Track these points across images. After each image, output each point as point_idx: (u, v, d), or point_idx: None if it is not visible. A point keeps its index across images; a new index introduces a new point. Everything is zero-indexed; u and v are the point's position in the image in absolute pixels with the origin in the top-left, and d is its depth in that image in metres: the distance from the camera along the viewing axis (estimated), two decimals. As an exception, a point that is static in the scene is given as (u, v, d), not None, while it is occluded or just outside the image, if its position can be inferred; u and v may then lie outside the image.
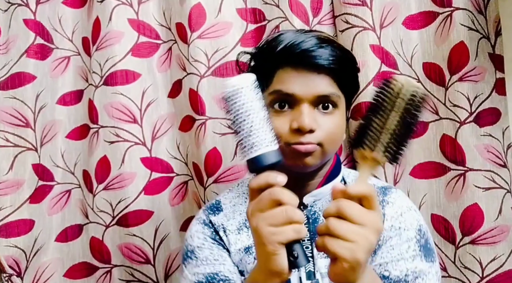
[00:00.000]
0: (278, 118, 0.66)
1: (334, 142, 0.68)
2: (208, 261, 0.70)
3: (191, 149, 1.05)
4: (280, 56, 0.66)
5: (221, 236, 0.73)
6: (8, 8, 1.04)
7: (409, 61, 0.99)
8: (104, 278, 1.06)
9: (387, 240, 0.69)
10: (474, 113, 0.93)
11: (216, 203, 0.78)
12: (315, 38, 0.66)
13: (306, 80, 0.65)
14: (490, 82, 0.93)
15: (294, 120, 0.64)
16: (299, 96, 0.65)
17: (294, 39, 0.66)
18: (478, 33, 0.92)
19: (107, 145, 1.03)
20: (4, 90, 1.02)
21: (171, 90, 1.08)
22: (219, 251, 0.71)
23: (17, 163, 1.01)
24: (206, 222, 0.75)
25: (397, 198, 0.74)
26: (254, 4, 1.04)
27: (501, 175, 0.92)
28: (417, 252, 0.68)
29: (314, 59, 0.64)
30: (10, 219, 1.00)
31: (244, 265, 0.71)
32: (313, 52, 0.64)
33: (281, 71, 0.67)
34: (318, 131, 0.65)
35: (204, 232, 0.74)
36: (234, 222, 0.74)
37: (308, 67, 0.64)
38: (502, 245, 0.91)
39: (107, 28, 1.04)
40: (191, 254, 0.72)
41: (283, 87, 0.65)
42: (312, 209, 0.72)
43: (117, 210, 1.03)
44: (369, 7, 0.97)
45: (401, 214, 0.72)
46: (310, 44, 0.65)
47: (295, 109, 0.65)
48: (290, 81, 0.65)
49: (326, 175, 0.73)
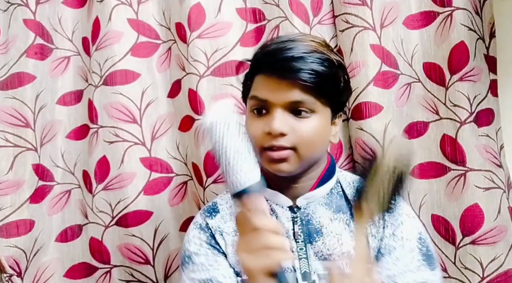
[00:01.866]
0: (255, 123, 0.68)
1: (310, 146, 0.68)
2: (203, 266, 0.72)
3: (191, 149, 1.04)
4: (258, 63, 0.69)
5: (218, 239, 0.74)
6: (8, 8, 1.04)
7: (410, 61, 0.99)
8: (103, 279, 1.06)
9: (390, 251, 0.70)
10: (474, 113, 0.93)
11: (212, 205, 0.79)
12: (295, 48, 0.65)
13: (279, 87, 0.65)
14: (486, 83, 0.93)
15: (266, 124, 0.66)
16: (272, 101, 0.66)
17: (275, 46, 0.67)
18: (476, 34, 0.92)
19: (107, 145, 1.03)
20: (4, 90, 1.02)
21: (171, 90, 1.08)
22: (214, 256, 0.73)
23: (17, 163, 1.02)
24: (202, 226, 0.76)
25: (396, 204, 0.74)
26: (254, 3, 1.04)
27: (498, 175, 0.92)
28: (421, 262, 0.69)
29: (289, 70, 0.64)
30: (10, 219, 1.00)
31: (240, 267, 0.71)
32: (289, 63, 0.64)
33: (258, 77, 0.69)
34: (290, 135, 0.65)
35: (200, 237, 0.75)
36: (231, 224, 0.75)
37: (280, 76, 0.65)
38: (501, 245, 0.91)
39: (106, 28, 1.03)
40: (188, 259, 0.74)
41: (258, 93, 0.68)
42: (305, 211, 0.73)
43: (117, 211, 1.03)
44: (369, 6, 0.96)
45: (402, 222, 0.72)
46: (288, 54, 0.65)
47: (270, 113, 0.67)
48: (264, 87, 0.67)
49: (320, 177, 0.74)
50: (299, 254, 0.70)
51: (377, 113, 0.96)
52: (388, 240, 0.70)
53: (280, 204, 0.73)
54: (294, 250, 0.70)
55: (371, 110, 0.96)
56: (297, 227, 0.71)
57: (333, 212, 0.73)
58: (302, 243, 0.70)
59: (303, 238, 0.70)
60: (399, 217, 0.72)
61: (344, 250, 0.69)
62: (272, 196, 0.74)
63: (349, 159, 1.03)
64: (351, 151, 1.03)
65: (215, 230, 0.74)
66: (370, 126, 0.96)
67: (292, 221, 0.72)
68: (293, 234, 0.71)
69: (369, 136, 0.96)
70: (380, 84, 0.97)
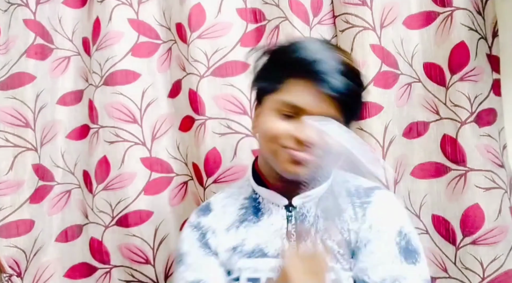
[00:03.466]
0: (280, 123, 0.67)
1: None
2: (193, 267, 0.73)
3: (191, 149, 1.04)
4: (297, 67, 0.66)
5: (209, 237, 0.74)
6: (8, 8, 1.04)
7: (410, 61, 0.99)
8: (103, 279, 1.06)
9: (366, 243, 0.69)
10: (474, 113, 0.93)
11: (206, 204, 0.80)
12: (336, 62, 0.65)
13: (316, 97, 0.65)
14: (488, 83, 0.93)
15: (300, 131, 0.65)
16: (308, 110, 0.65)
17: (314, 54, 0.65)
18: (477, 34, 0.92)
19: (107, 145, 1.03)
20: (4, 90, 1.02)
21: (171, 90, 1.08)
22: (205, 256, 0.73)
23: (17, 163, 1.02)
24: (194, 224, 0.77)
25: (380, 198, 0.74)
26: (254, 4, 1.04)
27: (499, 175, 0.92)
28: (397, 255, 0.68)
29: (330, 85, 0.63)
30: (10, 219, 1.00)
31: (231, 264, 0.72)
32: (331, 78, 0.64)
33: (293, 80, 0.66)
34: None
35: (192, 236, 0.75)
36: (224, 223, 0.75)
37: (321, 88, 0.64)
38: (501, 245, 0.91)
39: (107, 28, 1.03)
40: (180, 258, 0.75)
41: (295, 100, 0.65)
42: (301, 211, 0.73)
43: (117, 211, 1.03)
44: (369, 7, 0.96)
45: (381, 215, 0.72)
46: (330, 68, 0.64)
47: (299, 120, 0.66)
48: (301, 94, 0.65)
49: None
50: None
51: (377, 113, 0.96)
52: (364, 233, 0.70)
53: (276, 203, 0.74)
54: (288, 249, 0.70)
55: (371, 110, 0.96)
56: (291, 226, 0.72)
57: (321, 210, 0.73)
58: (294, 243, 0.70)
59: (296, 237, 0.71)
60: (379, 210, 0.72)
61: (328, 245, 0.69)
62: (268, 195, 0.74)
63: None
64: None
65: (207, 228, 0.75)
66: (370, 126, 0.96)
67: (287, 220, 0.72)
68: (286, 233, 0.71)
69: (369, 136, 0.96)
70: (380, 84, 0.97)
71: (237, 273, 0.71)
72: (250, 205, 0.76)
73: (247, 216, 0.75)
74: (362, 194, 0.74)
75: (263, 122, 0.69)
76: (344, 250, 0.69)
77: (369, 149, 0.58)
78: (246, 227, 0.73)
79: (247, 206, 0.76)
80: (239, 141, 1.01)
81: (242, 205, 0.76)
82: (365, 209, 0.72)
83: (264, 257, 0.71)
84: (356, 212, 0.72)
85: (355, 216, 0.71)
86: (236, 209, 0.76)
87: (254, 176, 0.77)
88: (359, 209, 0.72)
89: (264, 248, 0.71)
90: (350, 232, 0.70)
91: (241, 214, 0.75)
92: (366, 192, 0.75)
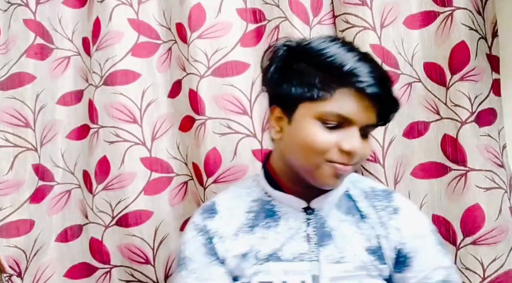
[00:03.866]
0: (325, 134, 0.64)
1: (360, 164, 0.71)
2: (195, 273, 0.70)
3: (191, 149, 1.04)
4: (343, 76, 0.62)
5: (215, 243, 0.71)
6: (8, 8, 1.04)
7: (410, 60, 0.99)
8: (103, 279, 1.06)
9: (418, 252, 0.70)
10: (474, 113, 0.92)
11: (211, 204, 0.76)
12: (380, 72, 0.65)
13: (364, 108, 0.63)
14: (488, 83, 0.93)
15: (346, 142, 0.63)
16: (355, 120, 0.63)
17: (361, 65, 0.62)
18: (477, 33, 0.92)
19: (107, 145, 1.03)
20: (4, 90, 1.02)
21: (171, 90, 1.08)
22: (208, 265, 0.70)
23: (17, 163, 1.01)
24: (199, 227, 0.73)
25: (404, 203, 0.75)
26: (254, 4, 1.04)
27: (500, 175, 0.92)
28: (442, 252, 0.72)
29: (381, 92, 0.63)
30: (10, 219, 1.00)
31: (240, 270, 0.69)
32: (382, 86, 0.63)
33: (341, 90, 0.63)
34: (357, 155, 0.65)
35: (196, 240, 0.72)
36: (231, 227, 0.72)
37: (370, 97, 0.63)
38: (502, 245, 0.91)
39: (107, 28, 1.03)
40: (183, 262, 0.72)
41: (343, 111, 0.63)
42: (319, 214, 0.71)
43: (117, 210, 1.03)
44: (369, 6, 0.96)
45: (415, 221, 0.73)
46: (380, 76, 0.64)
47: (347, 129, 0.64)
48: (350, 104, 0.63)
49: None
50: (310, 256, 0.68)
51: (377, 113, 0.96)
52: (411, 242, 0.70)
53: (294, 206, 0.72)
54: (306, 252, 0.69)
55: (372, 110, 0.95)
56: (311, 229, 0.70)
57: (343, 214, 0.72)
58: (314, 245, 0.69)
59: (316, 240, 0.69)
60: (411, 216, 0.73)
61: (355, 253, 0.68)
62: (285, 199, 0.72)
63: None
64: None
65: (214, 233, 0.71)
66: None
67: (306, 223, 0.71)
68: (306, 235, 0.69)
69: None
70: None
71: (247, 278, 0.69)
72: (262, 209, 0.73)
73: (258, 221, 0.72)
74: (381, 197, 0.74)
75: (303, 133, 0.65)
76: (372, 256, 0.69)
77: None
78: (258, 233, 0.71)
79: (257, 210, 0.73)
80: (239, 141, 1.00)
81: (251, 208, 0.73)
82: (392, 216, 0.72)
83: (277, 261, 0.68)
84: (381, 217, 0.71)
85: (380, 221, 0.71)
86: (244, 212, 0.73)
87: (267, 179, 0.75)
88: (383, 213, 0.72)
89: (279, 252, 0.69)
90: (379, 238, 0.70)
91: (250, 218, 0.72)
92: (384, 195, 0.74)
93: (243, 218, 0.73)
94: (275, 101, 0.70)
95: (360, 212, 0.72)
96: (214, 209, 0.75)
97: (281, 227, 0.71)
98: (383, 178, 0.96)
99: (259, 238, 0.70)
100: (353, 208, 0.73)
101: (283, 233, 0.70)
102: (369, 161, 0.97)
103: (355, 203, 0.73)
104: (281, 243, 0.69)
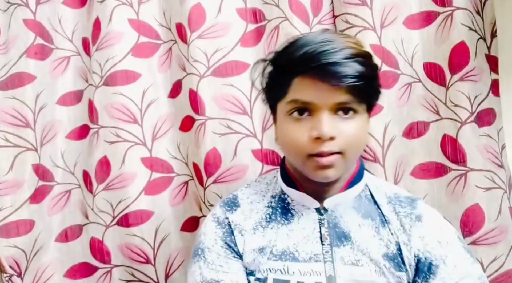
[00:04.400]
0: (297, 126, 0.65)
1: (356, 148, 0.66)
2: (213, 265, 0.70)
3: (191, 149, 1.04)
4: (299, 64, 0.63)
5: (236, 236, 0.72)
6: (8, 8, 1.04)
7: (410, 61, 0.99)
8: (104, 278, 1.06)
9: (444, 259, 0.67)
10: (474, 113, 0.93)
11: (233, 198, 0.77)
12: (339, 51, 0.62)
13: (325, 89, 0.62)
14: (487, 83, 0.93)
15: (314, 129, 0.63)
16: (318, 104, 0.63)
17: (315, 48, 0.62)
18: (477, 34, 0.92)
19: (107, 145, 1.03)
20: (4, 90, 1.02)
21: (171, 90, 1.08)
22: (226, 257, 0.71)
23: (17, 163, 1.02)
24: (220, 220, 0.74)
25: (426, 210, 0.73)
26: (254, 4, 1.04)
27: (499, 175, 0.92)
28: (471, 258, 0.68)
29: (336, 75, 0.61)
30: (10, 219, 1.00)
31: (256, 265, 0.69)
32: (335, 68, 0.61)
33: (298, 79, 0.64)
34: (339, 138, 0.63)
35: (216, 232, 0.73)
36: (251, 221, 0.72)
37: (327, 81, 0.62)
38: (501, 245, 0.91)
39: (107, 28, 1.03)
40: (201, 253, 0.72)
41: (302, 96, 0.64)
42: (333, 214, 0.71)
43: (117, 210, 1.03)
44: (369, 7, 0.97)
45: (440, 228, 0.71)
46: (333, 58, 0.61)
47: (314, 116, 0.64)
48: (308, 89, 0.63)
49: (350, 180, 0.72)
50: (324, 257, 0.68)
51: (377, 113, 0.96)
52: (437, 250, 0.68)
53: (307, 205, 0.72)
54: (320, 252, 0.68)
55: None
56: (324, 229, 0.69)
57: (362, 217, 0.71)
58: (328, 246, 0.68)
59: (329, 241, 0.68)
60: (436, 223, 0.71)
61: (372, 258, 0.67)
62: (298, 197, 0.73)
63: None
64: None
65: (235, 226, 0.72)
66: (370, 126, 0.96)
67: (319, 223, 0.70)
68: (320, 236, 0.69)
69: (369, 136, 0.96)
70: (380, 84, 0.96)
71: (263, 273, 0.69)
72: (279, 205, 0.73)
73: (275, 216, 0.72)
74: (405, 204, 0.73)
75: (282, 132, 0.68)
76: (390, 263, 0.67)
77: None
78: (274, 228, 0.71)
79: (275, 206, 0.74)
80: (239, 141, 1.01)
81: (270, 204, 0.74)
82: (416, 223, 0.70)
83: (294, 261, 0.68)
84: (403, 223, 0.70)
85: (403, 228, 0.70)
86: (263, 207, 0.74)
87: (284, 176, 0.75)
88: (406, 220, 0.70)
89: (295, 252, 0.69)
90: (401, 245, 0.68)
91: (268, 213, 0.73)
92: (409, 202, 0.73)
93: (262, 213, 0.73)
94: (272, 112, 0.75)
95: (381, 217, 0.71)
96: (236, 202, 0.76)
97: (295, 226, 0.71)
98: (383, 178, 0.96)
99: (275, 234, 0.71)
100: (374, 212, 0.72)
101: (296, 233, 0.70)
102: (369, 161, 0.97)
103: (378, 207, 0.72)
104: (295, 243, 0.69)
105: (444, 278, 0.66)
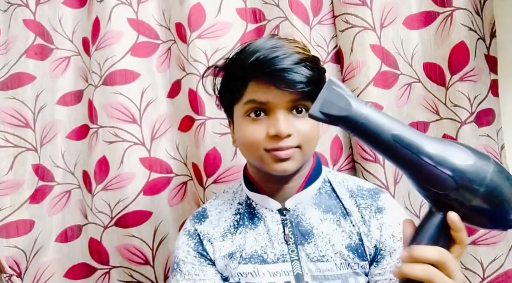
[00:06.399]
0: (255, 126, 0.67)
1: (311, 143, 0.69)
2: (189, 275, 0.73)
3: (191, 149, 1.04)
4: (252, 70, 0.66)
5: (205, 245, 0.75)
6: (8, 9, 1.04)
7: (410, 61, 0.99)
8: (103, 279, 1.06)
9: (391, 252, 0.69)
10: (474, 113, 0.92)
11: (202, 210, 0.80)
12: (289, 56, 0.65)
13: (278, 92, 0.65)
14: (486, 83, 0.93)
15: (271, 127, 0.65)
16: (273, 103, 0.66)
17: (265, 54, 0.65)
18: (476, 34, 0.92)
19: (106, 145, 1.03)
20: (4, 90, 1.02)
21: (171, 90, 1.08)
22: (200, 265, 0.74)
23: (17, 163, 1.02)
24: (190, 232, 0.77)
25: (388, 203, 0.74)
26: (254, 4, 1.04)
27: None
28: None
29: (287, 81, 0.64)
30: (10, 219, 1.00)
31: (229, 270, 0.73)
32: (286, 74, 0.64)
33: (253, 82, 0.67)
34: (295, 135, 0.66)
35: (188, 244, 0.76)
36: (219, 229, 0.75)
37: (278, 86, 0.65)
38: (501, 245, 0.91)
39: (106, 28, 1.03)
40: (177, 266, 0.76)
41: (258, 96, 0.66)
42: (295, 213, 0.73)
43: (116, 211, 1.03)
44: (369, 7, 0.96)
45: (399, 222, 0.71)
46: (283, 64, 0.64)
47: (271, 116, 0.66)
48: (264, 91, 0.66)
49: (307, 178, 0.74)
50: (291, 256, 0.70)
51: (377, 113, 0.96)
52: (388, 242, 0.70)
53: (270, 208, 0.74)
54: (286, 252, 0.70)
55: (371, 110, 0.95)
56: (287, 229, 0.72)
57: (323, 212, 0.73)
58: (293, 245, 0.71)
59: (293, 240, 0.71)
60: (395, 217, 0.72)
61: (336, 250, 0.69)
62: (261, 200, 0.75)
63: (349, 159, 1.03)
64: (351, 151, 1.03)
65: (203, 236, 0.75)
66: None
67: (282, 224, 0.72)
68: (283, 237, 0.71)
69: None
70: (380, 84, 0.96)
71: (235, 278, 0.72)
72: (246, 211, 0.76)
73: (243, 222, 0.75)
74: (367, 196, 0.74)
75: (239, 132, 0.70)
76: (353, 253, 0.69)
77: None
78: (243, 233, 0.74)
79: (242, 212, 0.76)
80: (239, 141, 1.00)
81: (237, 211, 0.77)
82: (376, 215, 0.71)
83: (263, 263, 0.71)
84: (364, 215, 0.72)
85: (363, 219, 0.71)
86: (231, 215, 0.77)
87: (246, 181, 0.77)
88: (366, 211, 0.72)
89: (263, 254, 0.71)
90: (362, 235, 0.70)
91: (236, 220, 0.76)
92: (370, 194, 0.74)
93: (230, 221, 0.76)
94: (228, 115, 0.76)
95: (342, 210, 0.73)
96: (204, 214, 0.79)
97: (260, 228, 0.73)
98: (383, 178, 0.96)
99: (243, 239, 0.73)
100: (335, 206, 0.73)
101: (263, 235, 0.73)
102: (369, 161, 0.97)
103: (340, 201, 0.74)
104: (263, 245, 0.72)
105: (385, 268, 0.69)
